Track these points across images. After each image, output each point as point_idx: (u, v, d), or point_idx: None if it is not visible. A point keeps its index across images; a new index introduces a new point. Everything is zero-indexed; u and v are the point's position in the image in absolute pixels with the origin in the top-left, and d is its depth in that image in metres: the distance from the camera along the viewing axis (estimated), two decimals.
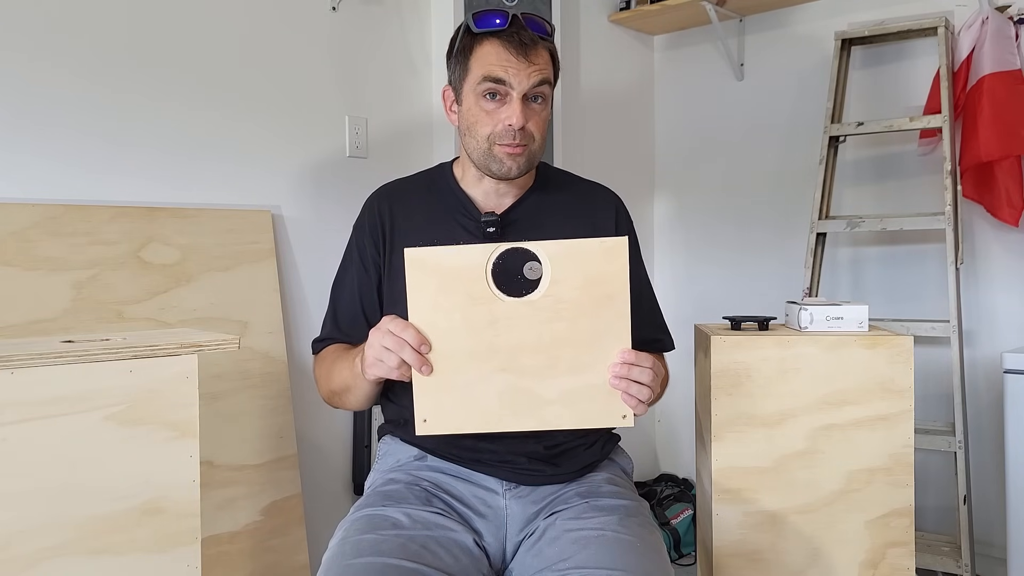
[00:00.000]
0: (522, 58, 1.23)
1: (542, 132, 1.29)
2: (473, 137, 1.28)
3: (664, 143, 3.11)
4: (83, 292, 1.64)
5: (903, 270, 2.57)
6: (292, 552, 1.86)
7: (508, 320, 1.05)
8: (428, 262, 1.05)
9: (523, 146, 1.25)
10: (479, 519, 1.22)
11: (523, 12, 1.27)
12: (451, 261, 1.05)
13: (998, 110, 2.25)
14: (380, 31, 2.21)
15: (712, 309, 2.78)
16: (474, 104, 1.27)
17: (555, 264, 1.05)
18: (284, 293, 1.98)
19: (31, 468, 0.98)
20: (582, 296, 1.05)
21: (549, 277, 1.06)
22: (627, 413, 1.08)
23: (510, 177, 1.28)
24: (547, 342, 1.06)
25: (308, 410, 2.00)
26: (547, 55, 1.28)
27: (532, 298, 1.06)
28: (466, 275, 1.05)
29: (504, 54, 1.23)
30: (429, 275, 1.05)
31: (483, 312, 1.05)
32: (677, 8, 2.72)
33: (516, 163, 1.26)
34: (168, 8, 1.82)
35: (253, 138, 1.96)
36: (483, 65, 1.24)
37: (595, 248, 1.06)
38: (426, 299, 1.05)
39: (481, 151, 1.27)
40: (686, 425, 2.90)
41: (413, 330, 1.06)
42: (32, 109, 1.63)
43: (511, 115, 1.23)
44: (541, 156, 1.32)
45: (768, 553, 1.39)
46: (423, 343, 1.06)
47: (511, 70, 1.23)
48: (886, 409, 1.37)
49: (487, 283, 1.05)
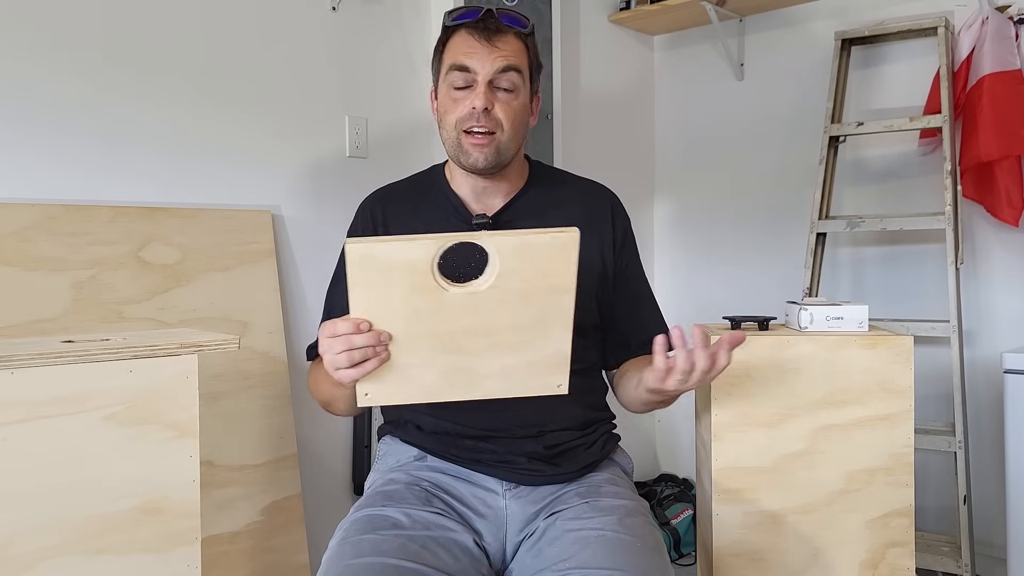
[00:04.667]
0: (486, 43, 1.24)
1: (512, 122, 1.26)
2: (444, 128, 1.29)
3: (664, 143, 3.11)
4: (83, 292, 1.64)
5: (903, 270, 2.57)
6: (292, 552, 1.86)
7: (453, 309, 1.03)
8: (370, 257, 1.00)
9: (490, 135, 1.25)
10: (479, 519, 1.22)
11: (502, 9, 1.29)
12: (396, 255, 1.00)
13: (998, 110, 2.25)
14: (380, 31, 2.21)
15: (712, 309, 2.78)
16: (444, 94, 1.29)
17: (503, 258, 1.02)
18: (284, 293, 1.98)
19: (31, 468, 0.98)
20: (528, 287, 1.03)
21: (496, 270, 1.02)
22: (562, 383, 1.08)
23: (478, 169, 1.27)
24: (490, 328, 1.05)
25: (308, 410, 2.00)
26: (518, 44, 1.27)
27: (478, 288, 1.03)
28: (411, 268, 1.01)
29: (470, 41, 1.25)
30: (371, 269, 1.01)
31: (427, 301, 1.02)
32: (677, 8, 2.72)
33: (483, 154, 1.25)
34: (168, 8, 1.82)
35: (253, 138, 1.96)
36: (452, 55, 1.27)
37: (546, 242, 1.02)
38: (366, 292, 1.01)
39: (451, 141, 1.28)
40: (686, 425, 2.90)
41: (345, 322, 1.01)
42: (32, 109, 1.63)
43: (475, 99, 1.23)
44: (515, 150, 1.30)
45: (768, 553, 1.39)
46: (360, 322, 1.00)
47: (475, 56, 1.24)
48: (886, 409, 1.37)
49: (433, 275, 1.02)
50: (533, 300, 1.04)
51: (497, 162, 1.27)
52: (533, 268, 1.03)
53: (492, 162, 1.27)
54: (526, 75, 1.28)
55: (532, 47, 1.31)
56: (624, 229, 1.40)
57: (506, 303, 1.04)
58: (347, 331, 0.99)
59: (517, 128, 1.28)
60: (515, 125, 1.27)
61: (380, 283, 1.00)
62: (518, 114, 1.27)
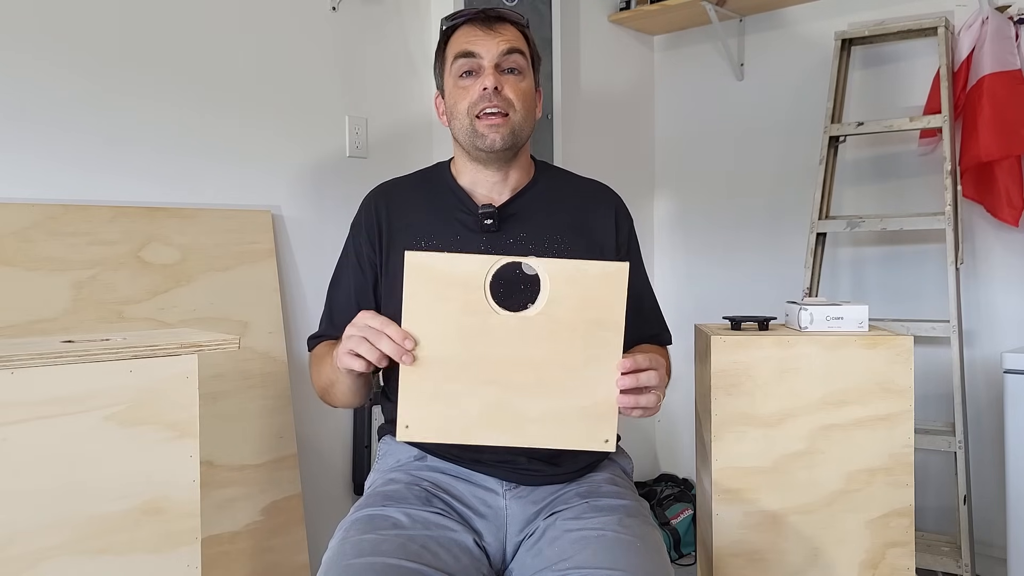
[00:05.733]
0: (488, 30, 1.28)
1: (524, 103, 1.29)
2: (456, 118, 1.30)
3: (664, 143, 3.11)
4: (83, 292, 1.64)
5: (903, 270, 2.57)
6: (292, 552, 1.86)
7: (501, 333, 1.04)
8: (427, 267, 1.03)
9: (504, 115, 1.27)
10: (479, 519, 1.22)
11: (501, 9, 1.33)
12: (451, 268, 1.03)
13: (998, 110, 2.25)
14: (380, 31, 2.21)
15: (712, 309, 2.78)
16: (453, 87, 1.30)
17: (554, 283, 1.04)
18: (284, 293, 1.98)
19: (31, 468, 0.98)
20: (577, 318, 1.04)
21: (547, 296, 1.04)
22: (610, 438, 1.06)
23: (495, 150, 1.28)
24: (537, 360, 1.05)
25: (308, 410, 2.00)
26: (517, 31, 1.31)
27: (528, 314, 1.04)
28: (465, 284, 1.03)
29: (472, 31, 1.29)
30: (427, 280, 1.03)
31: (477, 322, 1.04)
32: (677, 8, 2.72)
33: (499, 134, 1.27)
34: (168, 8, 1.82)
35: (253, 138, 1.96)
36: (455, 47, 1.30)
37: (597, 271, 1.04)
38: (422, 304, 1.04)
39: (465, 129, 1.29)
40: (686, 425, 2.90)
41: (395, 326, 1.05)
42: (32, 109, 1.63)
43: (484, 79, 1.26)
44: (528, 132, 1.32)
45: (768, 553, 1.39)
46: (407, 338, 1.03)
47: (479, 42, 1.27)
48: (886, 409, 1.37)
49: (485, 294, 1.04)
50: (581, 333, 1.04)
51: (513, 143, 1.29)
52: (582, 297, 1.04)
53: (508, 143, 1.28)
54: (529, 60, 1.32)
55: (531, 39, 1.34)
56: (628, 230, 1.41)
57: (555, 333, 1.04)
58: (393, 335, 1.04)
59: (529, 109, 1.31)
60: (526, 105, 1.30)
61: (434, 296, 1.03)
62: (527, 95, 1.30)
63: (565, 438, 1.06)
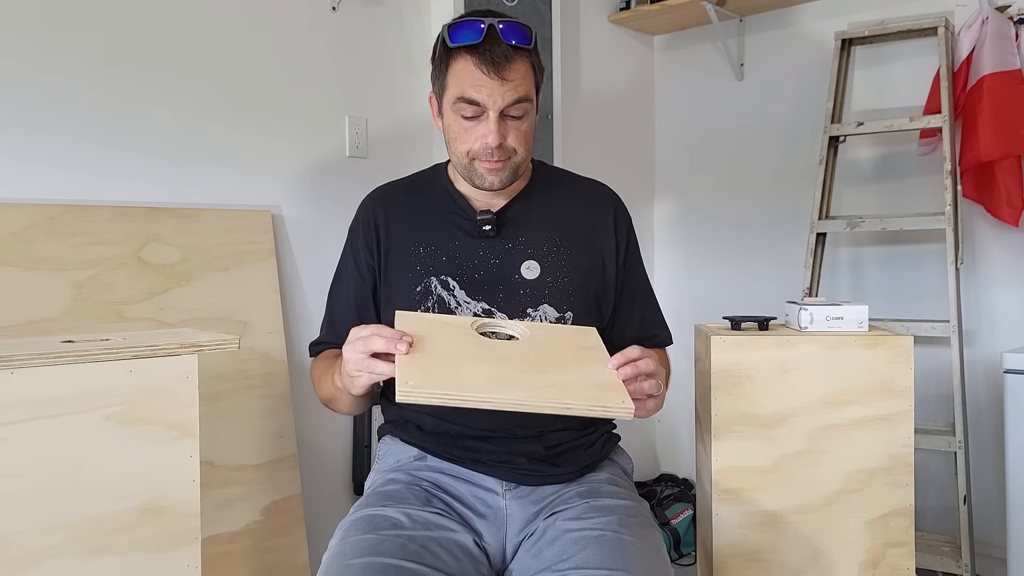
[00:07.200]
0: (495, 76, 1.19)
1: (525, 144, 1.27)
2: (454, 152, 1.29)
3: (664, 143, 3.11)
4: (83, 292, 1.64)
5: (903, 270, 2.57)
6: (292, 552, 1.86)
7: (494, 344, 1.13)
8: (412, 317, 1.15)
9: (503, 160, 1.25)
10: (479, 519, 1.22)
11: (503, 20, 1.22)
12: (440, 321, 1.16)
13: (998, 110, 2.25)
14: (380, 31, 2.21)
15: (712, 309, 2.78)
16: (453, 121, 1.26)
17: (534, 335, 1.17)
18: (284, 293, 1.98)
19: (31, 468, 0.98)
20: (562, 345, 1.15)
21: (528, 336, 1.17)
22: (626, 401, 1.01)
23: (494, 189, 1.28)
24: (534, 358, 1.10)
25: (308, 410, 2.00)
26: (525, 67, 1.23)
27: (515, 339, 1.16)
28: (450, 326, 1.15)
29: (477, 73, 1.20)
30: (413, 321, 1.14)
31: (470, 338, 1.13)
32: (677, 8, 2.72)
33: (498, 177, 1.26)
34: (168, 8, 1.82)
35: (253, 138, 1.96)
36: (458, 84, 1.22)
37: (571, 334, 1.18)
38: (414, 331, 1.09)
39: (463, 165, 1.28)
40: (686, 425, 2.90)
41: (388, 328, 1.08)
42: (32, 109, 1.63)
43: (487, 133, 1.22)
44: (527, 165, 1.32)
45: (768, 553, 1.39)
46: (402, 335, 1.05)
47: (484, 90, 1.20)
48: (886, 409, 1.37)
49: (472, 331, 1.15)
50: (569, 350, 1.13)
51: (512, 180, 1.29)
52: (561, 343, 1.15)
53: (507, 182, 1.28)
54: (534, 97, 1.27)
55: (537, 62, 1.27)
56: (627, 230, 1.41)
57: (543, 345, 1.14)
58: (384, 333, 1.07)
59: (529, 146, 1.29)
60: (527, 145, 1.28)
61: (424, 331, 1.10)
62: (529, 135, 1.28)
63: (584, 399, 1.01)
